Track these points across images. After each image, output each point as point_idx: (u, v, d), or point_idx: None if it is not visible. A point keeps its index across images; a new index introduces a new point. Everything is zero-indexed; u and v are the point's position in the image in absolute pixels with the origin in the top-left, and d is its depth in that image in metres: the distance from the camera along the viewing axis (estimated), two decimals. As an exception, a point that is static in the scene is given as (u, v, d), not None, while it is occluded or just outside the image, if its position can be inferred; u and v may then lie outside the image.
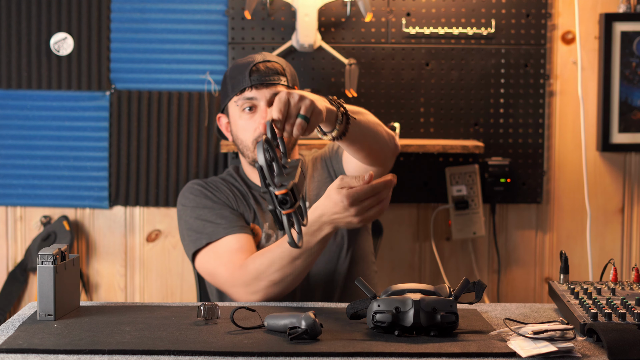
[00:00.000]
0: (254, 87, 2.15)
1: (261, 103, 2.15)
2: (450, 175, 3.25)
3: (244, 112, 2.18)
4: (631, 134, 3.29)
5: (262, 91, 2.15)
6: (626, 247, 3.35)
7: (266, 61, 2.17)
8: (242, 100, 2.17)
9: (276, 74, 2.15)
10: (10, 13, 3.25)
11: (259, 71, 2.15)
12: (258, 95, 2.15)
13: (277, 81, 2.16)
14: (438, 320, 1.63)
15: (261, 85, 2.15)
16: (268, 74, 2.15)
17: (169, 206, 3.31)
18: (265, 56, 2.20)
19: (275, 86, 2.16)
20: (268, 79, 2.14)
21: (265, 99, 2.15)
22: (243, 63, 2.20)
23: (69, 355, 1.53)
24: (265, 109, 2.14)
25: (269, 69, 2.16)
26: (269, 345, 1.57)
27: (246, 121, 2.18)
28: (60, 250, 1.78)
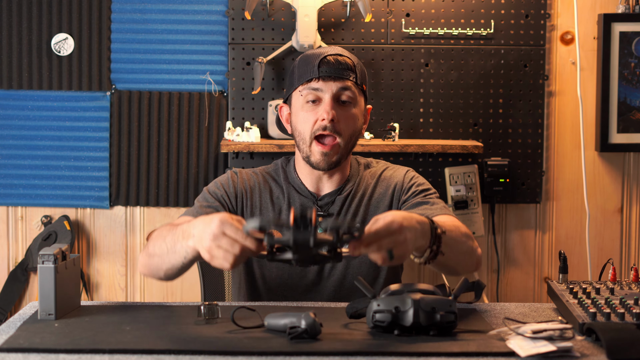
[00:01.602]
0: (322, 78, 2.06)
1: (326, 96, 2.06)
2: (449, 175, 3.26)
3: (307, 103, 2.08)
4: (630, 134, 3.29)
5: (329, 84, 2.06)
6: (625, 246, 3.36)
7: (337, 55, 2.09)
8: (307, 90, 2.07)
9: (347, 69, 2.07)
10: (11, 14, 3.25)
11: (329, 63, 2.07)
12: (324, 87, 2.06)
13: (346, 76, 2.07)
14: (437, 319, 1.64)
15: (329, 77, 2.06)
16: (338, 67, 2.06)
17: (169, 206, 3.31)
18: (337, 50, 2.12)
19: (344, 81, 2.06)
20: (337, 72, 2.06)
21: (332, 91, 2.06)
22: (313, 54, 2.11)
23: (69, 355, 1.53)
24: (329, 102, 2.06)
25: (340, 62, 2.07)
26: (269, 344, 1.58)
27: (307, 112, 2.08)
28: (61, 250, 1.78)
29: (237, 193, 2.15)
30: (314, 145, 2.09)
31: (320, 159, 2.08)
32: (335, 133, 2.07)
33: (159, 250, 1.91)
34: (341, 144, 2.09)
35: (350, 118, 2.09)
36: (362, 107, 2.14)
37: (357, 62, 2.12)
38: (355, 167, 2.22)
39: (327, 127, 2.06)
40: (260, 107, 3.28)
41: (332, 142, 2.08)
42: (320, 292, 2.13)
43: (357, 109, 2.11)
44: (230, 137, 3.18)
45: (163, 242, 1.89)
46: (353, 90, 2.09)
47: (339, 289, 2.14)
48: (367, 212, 2.15)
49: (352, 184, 2.17)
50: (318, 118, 2.07)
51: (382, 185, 2.18)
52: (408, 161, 3.27)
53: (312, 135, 2.07)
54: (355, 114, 2.11)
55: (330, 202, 2.15)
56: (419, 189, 2.17)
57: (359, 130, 2.14)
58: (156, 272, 1.97)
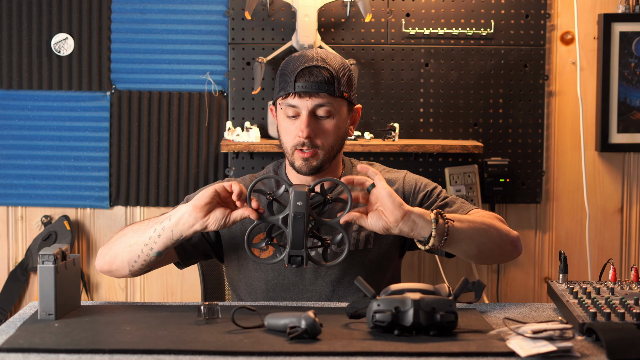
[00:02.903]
0: (297, 95, 2.06)
1: (303, 112, 2.07)
2: (449, 175, 3.26)
3: (287, 117, 2.10)
4: (630, 134, 3.29)
5: (305, 101, 2.06)
6: (625, 246, 3.36)
7: (314, 66, 2.06)
8: (285, 105, 2.09)
9: (323, 82, 2.04)
10: (11, 14, 3.25)
11: (305, 78, 2.05)
12: (300, 104, 2.06)
13: (322, 90, 2.03)
14: (437, 319, 1.64)
15: (305, 94, 2.05)
16: (314, 81, 2.05)
17: (169, 206, 3.31)
18: (318, 57, 2.09)
19: (319, 97, 2.06)
20: (313, 87, 2.04)
21: (307, 109, 2.06)
22: (293, 63, 2.10)
23: (69, 355, 1.53)
24: (305, 120, 2.06)
25: (316, 75, 2.05)
26: (269, 344, 1.58)
27: (289, 126, 2.10)
28: (61, 250, 1.78)
29: None
30: (295, 153, 2.11)
31: (302, 164, 2.11)
32: (313, 147, 2.09)
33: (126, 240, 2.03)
34: (321, 154, 2.10)
35: (329, 131, 2.10)
36: (344, 115, 2.12)
37: (339, 69, 2.09)
38: (349, 167, 2.23)
39: (305, 143, 2.09)
40: (260, 107, 3.28)
41: (312, 153, 2.10)
42: (318, 291, 2.13)
43: (338, 119, 2.10)
44: (230, 137, 3.18)
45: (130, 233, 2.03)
46: (330, 103, 2.08)
47: (336, 287, 2.13)
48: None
49: None
50: (296, 134, 2.08)
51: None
52: (408, 161, 3.27)
53: (292, 148, 2.10)
54: (335, 126, 2.10)
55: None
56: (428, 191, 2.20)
57: (343, 135, 2.14)
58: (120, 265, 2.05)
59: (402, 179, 2.22)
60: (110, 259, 2.05)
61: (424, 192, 2.19)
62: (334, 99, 2.08)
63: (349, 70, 2.14)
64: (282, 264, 2.01)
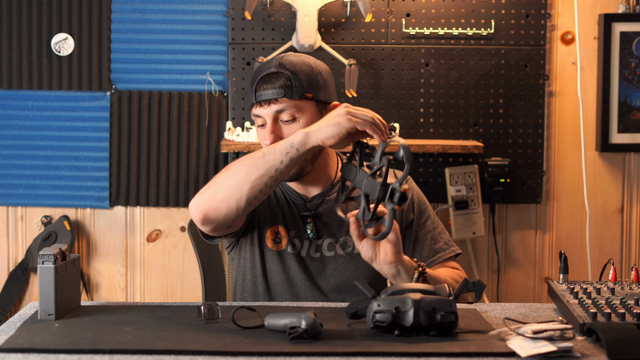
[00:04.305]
0: (259, 104, 2.08)
1: (267, 120, 2.08)
2: (450, 175, 3.26)
3: (258, 126, 2.12)
4: (630, 134, 3.29)
5: (266, 109, 2.07)
6: (625, 246, 3.35)
7: (270, 74, 2.07)
8: (253, 116, 2.12)
9: (280, 87, 2.05)
10: (11, 14, 3.25)
11: (262, 85, 2.07)
12: (263, 113, 2.08)
13: (280, 96, 2.04)
14: (438, 320, 1.64)
15: (265, 102, 2.07)
16: (272, 88, 2.06)
17: (169, 206, 3.31)
18: (277, 62, 2.09)
19: (278, 102, 2.06)
20: (271, 94, 2.05)
21: (269, 116, 2.07)
22: (256, 72, 2.13)
23: (69, 355, 1.53)
24: (269, 127, 2.07)
25: (273, 82, 2.06)
26: (269, 345, 1.58)
27: (260, 134, 2.12)
28: (61, 250, 1.78)
29: None
30: None
31: None
32: None
33: (236, 172, 1.96)
34: None
35: None
36: (312, 116, 2.10)
37: (299, 71, 2.08)
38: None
39: None
40: (260, 107, 3.27)
41: None
42: (322, 291, 2.13)
43: (305, 121, 2.08)
44: (231, 137, 3.18)
45: (240, 165, 1.96)
46: (291, 107, 2.07)
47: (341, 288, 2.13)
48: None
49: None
50: (266, 143, 2.09)
51: None
52: (408, 161, 3.27)
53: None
54: (302, 128, 2.08)
55: (319, 203, 2.16)
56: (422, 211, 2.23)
57: None
58: (226, 200, 1.95)
59: (412, 189, 2.25)
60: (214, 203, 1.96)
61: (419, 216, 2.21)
62: (295, 101, 2.07)
63: (312, 71, 2.11)
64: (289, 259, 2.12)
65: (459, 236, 3.26)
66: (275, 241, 2.15)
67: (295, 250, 2.15)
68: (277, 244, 2.15)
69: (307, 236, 2.14)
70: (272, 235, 2.16)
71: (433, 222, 2.21)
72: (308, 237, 2.14)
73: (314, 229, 2.14)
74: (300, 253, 2.14)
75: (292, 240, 2.15)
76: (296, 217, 2.17)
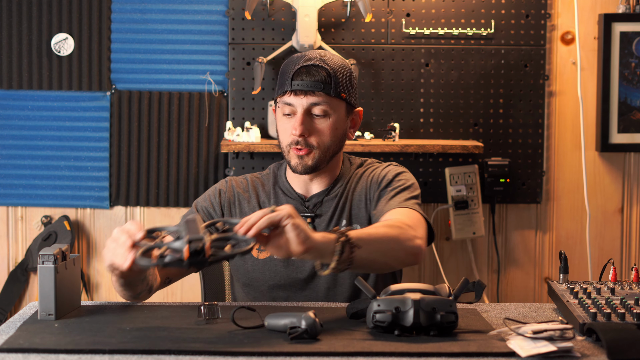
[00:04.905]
0: (294, 92, 2.07)
1: (298, 110, 2.07)
2: (450, 175, 3.26)
3: (284, 115, 2.11)
4: (630, 134, 3.29)
5: (301, 99, 2.06)
6: (625, 246, 3.35)
7: (313, 65, 2.06)
8: (282, 103, 2.10)
9: (320, 81, 2.05)
10: (11, 14, 3.25)
11: (301, 75, 2.06)
12: (296, 102, 2.07)
13: (318, 89, 2.04)
14: (438, 320, 1.64)
15: (301, 92, 2.06)
16: (311, 80, 2.05)
17: (169, 206, 3.31)
18: (317, 57, 2.09)
19: (315, 95, 2.06)
20: (309, 86, 2.05)
21: (303, 107, 2.07)
22: (293, 62, 2.11)
23: (69, 355, 1.53)
24: (300, 118, 2.07)
25: (313, 74, 2.05)
26: (269, 345, 1.58)
27: (284, 124, 2.11)
28: (61, 250, 1.78)
29: (223, 203, 2.19)
30: (291, 151, 2.11)
31: (297, 162, 2.11)
32: (307, 147, 2.09)
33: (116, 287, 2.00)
34: (316, 153, 2.09)
35: (324, 131, 2.10)
36: (342, 115, 2.12)
37: (338, 69, 2.09)
38: (347, 167, 2.22)
39: (299, 141, 2.09)
40: (260, 107, 3.27)
41: (306, 151, 2.09)
42: (315, 289, 2.13)
43: (334, 120, 2.10)
44: (231, 137, 3.18)
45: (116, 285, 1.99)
46: (327, 103, 2.08)
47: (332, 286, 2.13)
48: (350, 211, 2.16)
49: (341, 184, 2.17)
50: (291, 132, 2.09)
51: (361, 183, 2.19)
52: (408, 161, 3.27)
53: (287, 146, 2.11)
54: (331, 125, 2.09)
55: (319, 202, 2.16)
56: (387, 182, 2.15)
57: (341, 137, 2.14)
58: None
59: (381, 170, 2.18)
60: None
61: (385, 182, 2.14)
62: (330, 98, 2.08)
63: (350, 72, 2.14)
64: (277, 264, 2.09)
65: (459, 236, 3.26)
66: (259, 250, 2.14)
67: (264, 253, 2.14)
68: (261, 252, 2.14)
69: None
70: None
71: (399, 193, 2.11)
72: None
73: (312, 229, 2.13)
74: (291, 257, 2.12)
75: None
76: None
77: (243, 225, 1.70)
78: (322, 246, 1.77)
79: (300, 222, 1.73)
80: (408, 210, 2.05)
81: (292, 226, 1.71)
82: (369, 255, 1.86)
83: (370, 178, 2.17)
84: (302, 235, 1.72)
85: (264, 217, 1.70)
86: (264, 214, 1.70)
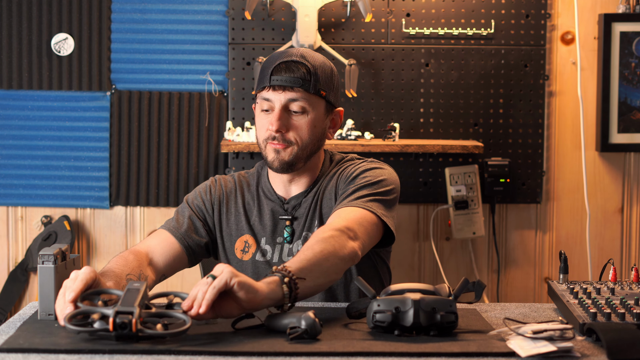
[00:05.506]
0: (272, 88, 2.05)
1: (276, 105, 2.06)
2: (450, 175, 3.26)
3: (262, 111, 2.09)
4: (630, 134, 3.29)
5: (279, 94, 2.05)
6: (625, 246, 3.35)
7: (292, 61, 2.05)
8: (260, 99, 2.08)
9: (299, 77, 2.03)
10: (11, 14, 3.25)
11: (280, 71, 2.05)
12: (274, 98, 2.06)
13: (297, 85, 2.03)
14: (438, 320, 1.64)
15: (279, 87, 2.04)
16: (290, 76, 2.04)
17: (170, 206, 3.31)
18: (298, 54, 2.08)
19: (294, 91, 2.04)
20: (288, 82, 2.03)
21: (280, 102, 2.05)
22: (273, 58, 2.10)
23: (69, 355, 1.53)
24: (277, 113, 2.05)
25: (292, 70, 2.04)
26: (269, 345, 1.58)
27: (262, 120, 2.09)
28: (61, 250, 1.78)
29: (213, 200, 2.18)
30: (267, 146, 2.09)
31: (274, 157, 2.08)
32: (284, 142, 2.07)
33: None
34: (294, 149, 2.07)
35: (301, 128, 2.07)
36: (320, 114, 2.09)
37: (318, 67, 2.07)
38: (327, 166, 2.19)
39: (276, 137, 2.07)
40: (260, 107, 3.27)
41: (283, 146, 2.07)
42: None
43: (312, 117, 2.07)
44: (231, 137, 3.18)
45: None
46: (305, 99, 2.06)
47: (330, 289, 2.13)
48: (321, 211, 2.14)
49: (318, 184, 2.16)
50: (267, 127, 2.07)
51: (333, 181, 2.16)
52: (408, 161, 3.27)
53: (264, 141, 2.09)
54: (309, 123, 2.07)
55: (297, 204, 2.14)
56: (352, 179, 2.11)
57: (319, 135, 2.11)
58: None
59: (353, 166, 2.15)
60: None
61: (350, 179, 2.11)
62: (309, 95, 2.06)
63: (331, 71, 2.11)
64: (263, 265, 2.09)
65: (459, 236, 3.26)
66: (244, 251, 2.13)
67: (265, 258, 2.13)
68: (245, 253, 2.14)
69: (284, 239, 2.12)
70: (242, 245, 2.15)
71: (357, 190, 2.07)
72: (285, 241, 2.12)
73: (290, 232, 2.12)
74: (272, 259, 2.12)
75: (261, 248, 2.14)
76: (269, 222, 2.14)
77: (191, 303, 1.63)
78: (272, 294, 1.69)
79: (244, 278, 1.66)
80: (354, 210, 2.00)
81: (239, 285, 1.63)
82: (315, 282, 1.81)
83: (339, 175, 2.14)
84: (251, 291, 1.65)
85: (208, 288, 1.63)
86: (207, 286, 1.63)
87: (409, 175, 3.29)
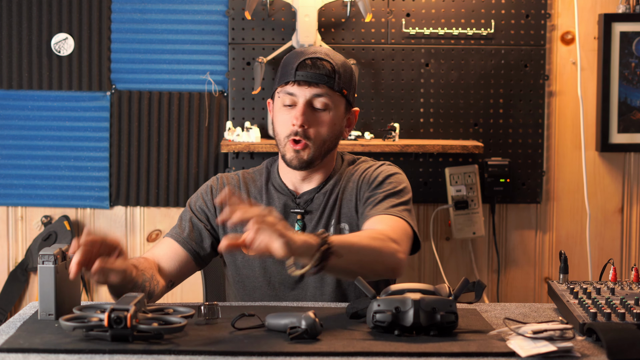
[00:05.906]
0: (297, 83, 2.06)
1: (300, 101, 2.07)
2: (450, 175, 3.26)
3: (284, 106, 2.09)
4: (630, 134, 3.29)
5: (304, 89, 2.06)
6: (625, 246, 3.35)
7: (318, 58, 2.07)
8: (283, 93, 2.09)
9: (324, 74, 2.05)
10: (11, 14, 3.25)
11: (306, 67, 2.06)
12: (298, 93, 2.06)
13: (322, 82, 2.05)
14: (438, 320, 1.64)
15: (304, 83, 2.05)
16: (315, 72, 2.06)
17: (169, 206, 3.31)
18: (322, 52, 2.10)
19: (319, 87, 2.06)
20: (313, 77, 2.05)
21: (305, 98, 2.06)
22: (296, 54, 2.11)
23: (69, 355, 1.53)
24: (301, 108, 2.06)
25: (318, 67, 2.06)
26: (269, 345, 1.58)
27: (284, 115, 2.09)
28: (61, 250, 1.78)
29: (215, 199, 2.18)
30: (287, 144, 2.10)
31: (293, 156, 2.09)
32: (306, 138, 2.08)
33: None
34: (312, 148, 2.09)
35: (323, 124, 2.09)
36: (341, 112, 2.12)
37: (341, 66, 2.10)
38: (339, 164, 2.21)
39: (298, 132, 2.08)
40: (260, 107, 3.27)
41: (303, 145, 2.09)
42: (304, 288, 2.13)
43: (334, 115, 2.10)
44: (231, 137, 3.18)
45: None
46: (329, 96, 2.08)
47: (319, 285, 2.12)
48: (340, 210, 2.15)
49: (332, 181, 2.17)
50: (291, 122, 2.08)
51: (353, 181, 2.18)
52: (408, 161, 3.27)
53: (285, 139, 2.09)
54: (330, 120, 2.09)
55: (310, 199, 2.15)
56: (378, 183, 2.13)
57: (337, 134, 2.13)
58: None
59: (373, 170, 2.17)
60: None
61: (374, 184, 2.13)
62: (332, 92, 2.08)
63: (351, 71, 2.15)
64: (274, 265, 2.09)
65: (459, 236, 3.26)
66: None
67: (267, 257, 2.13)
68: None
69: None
70: None
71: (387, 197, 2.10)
72: None
73: (302, 226, 2.13)
74: None
75: None
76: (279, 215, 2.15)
77: (234, 210, 1.67)
78: (301, 247, 1.72)
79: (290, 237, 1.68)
80: (394, 219, 2.03)
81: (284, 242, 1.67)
82: (347, 266, 1.83)
83: (362, 177, 2.16)
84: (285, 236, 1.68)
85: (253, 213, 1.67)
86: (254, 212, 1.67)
87: (409, 175, 3.28)
